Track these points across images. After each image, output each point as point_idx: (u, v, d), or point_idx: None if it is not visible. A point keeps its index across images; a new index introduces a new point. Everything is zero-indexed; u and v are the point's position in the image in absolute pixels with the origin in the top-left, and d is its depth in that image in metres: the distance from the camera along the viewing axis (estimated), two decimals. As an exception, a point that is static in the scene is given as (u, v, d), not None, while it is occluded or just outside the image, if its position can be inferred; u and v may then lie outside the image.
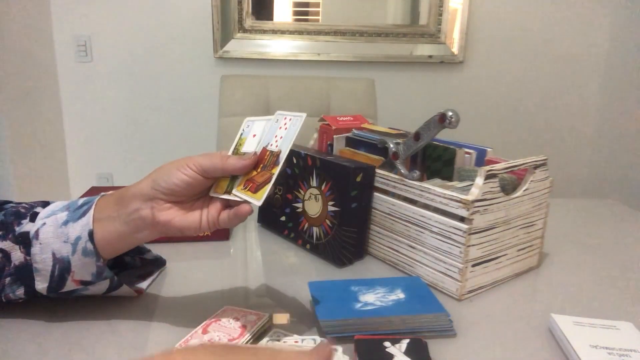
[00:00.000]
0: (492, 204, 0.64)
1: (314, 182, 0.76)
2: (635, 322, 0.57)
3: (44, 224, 0.54)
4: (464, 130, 2.30)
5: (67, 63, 2.09)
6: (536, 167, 0.70)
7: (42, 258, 0.53)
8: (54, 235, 0.53)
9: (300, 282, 0.68)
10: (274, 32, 2.11)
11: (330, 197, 0.73)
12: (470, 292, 0.65)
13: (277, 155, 0.53)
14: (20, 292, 0.55)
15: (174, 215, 0.53)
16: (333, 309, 0.55)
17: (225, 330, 0.53)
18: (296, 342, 0.52)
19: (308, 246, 0.78)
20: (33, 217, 0.55)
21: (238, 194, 0.53)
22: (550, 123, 2.36)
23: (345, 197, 0.71)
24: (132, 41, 2.09)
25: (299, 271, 0.72)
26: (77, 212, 0.54)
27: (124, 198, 0.54)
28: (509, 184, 0.69)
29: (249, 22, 2.09)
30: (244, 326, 0.54)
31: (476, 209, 0.62)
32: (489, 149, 0.78)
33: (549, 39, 2.25)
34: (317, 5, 2.10)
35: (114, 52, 2.10)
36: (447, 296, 0.65)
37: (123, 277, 0.62)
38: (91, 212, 0.53)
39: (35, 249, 0.53)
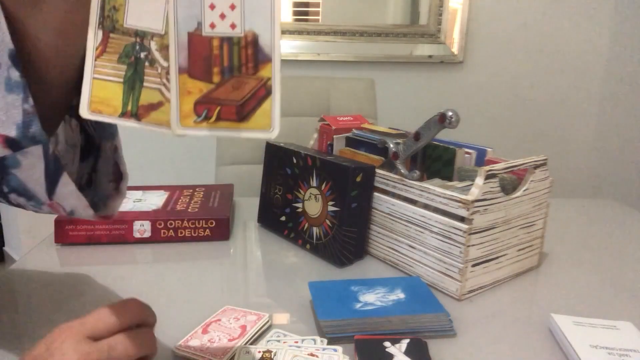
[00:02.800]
0: (492, 204, 0.64)
1: (314, 182, 0.76)
2: (635, 322, 0.57)
3: None
4: (464, 130, 2.30)
5: (67, 63, 2.09)
6: (536, 167, 0.70)
7: None
8: None
9: (300, 282, 0.68)
10: (274, 32, 2.11)
11: (330, 197, 0.73)
12: (470, 292, 0.65)
13: (250, 39, 0.28)
14: None
15: None
16: (333, 309, 0.55)
17: (225, 330, 0.54)
18: (296, 342, 0.52)
19: (308, 246, 0.78)
20: None
21: (195, 130, 0.29)
22: (550, 123, 2.36)
23: (345, 197, 0.71)
24: (132, 41, 2.09)
25: (299, 271, 0.72)
26: None
27: None
28: (509, 184, 0.69)
29: (249, 22, 2.09)
30: (244, 326, 0.54)
31: (476, 209, 0.62)
32: (489, 149, 0.78)
33: (549, 39, 2.25)
34: (317, 5, 2.10)
35: (114, 52, 2.09)
36: (447, 296, 0.65)
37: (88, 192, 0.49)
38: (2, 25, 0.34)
39: None
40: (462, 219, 0.63)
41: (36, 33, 0.35)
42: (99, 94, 0.31)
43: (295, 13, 2.11)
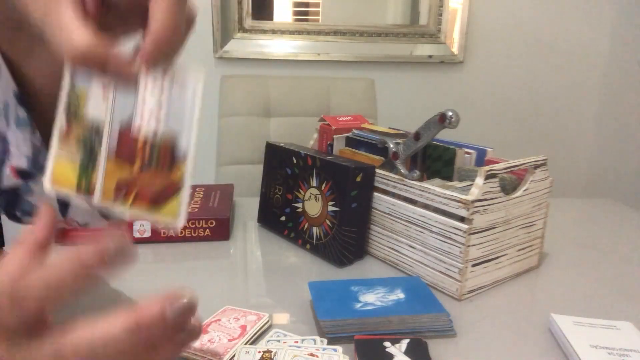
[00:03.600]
0: (492, 204, 0.64)
1: (314, 182, 0.76)
2: (635, 322, 0.57)
3: None
4: (464, 130, 2.30)
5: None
6: (536, 167, 0.70)
7: None
8: None
9: (300, 282, 0.68)
10: (274, 32, 2.11)
11: (330, 197, 0.73)
12: (470, 292, 0.65)
13: (169, 142, 0.33)
14: None
15: None
16: (333, 309, 0.55)
17: (225, 330, 0.54)
18: (296, 342, 0.52)
19: (308, 246, 0.78)
20: None
21: (113, 207, 0.34)
22: (550, 123, 2.36)
23: (345, 197, 0.71)
24: (132, 41, 2.09)
25: (299, 271, 0.72)
26: None
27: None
28: (509, 184, 0.69)
29: (248, 22, 2.09)
30: (244, 326, 0.54)
31: (476, 209, 0.62)
32: (489, 149, 0.78)
33: (549, 39, 2.25)
34: (317, 5, 2.10)
35: (114, 52, 2.09)
36: (447, 296, 0.65)
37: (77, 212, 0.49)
38: (4, 72, 0.39)
39: None
40: (462, 219, 0.63)
41: (32, 77, 0.40)
42: (59, 170, 0.35)
43: (295, 13, 2.11)
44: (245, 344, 0.52)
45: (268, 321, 0.56)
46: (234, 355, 0.49)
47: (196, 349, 0.50)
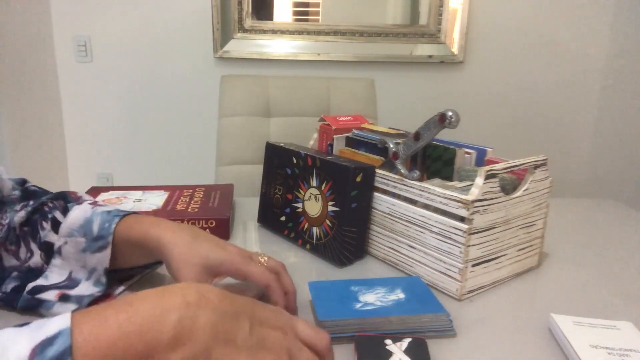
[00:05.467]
0: (492, 204, 0.64)
1: (314, 182, 0.76)
2: (635, 322, 0.57)
3: (66, 242, 0.57)
4: (464, 130, 2.30)
5: (67, 63, 2.09)
6: (536, 167, 0.70)
7: (60, 272, 0.58)
8: (74, 258, 0.58)
9: (300, 282, 0.68)
10: (274, 32, 2.11)
11: (330, 197, 0.73)
12: (470, 292, 0.65)
13: None
14: (9, 286, 0.57)
15: None
16: (333, 309, 0.55)
17: None
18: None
19: (308, 246, 0.78)
20: (55, 226, 0.59)
21: None
22: (550, 123, 2.36)
23: (345, 197, 0.71)
24: (132, 41, 2.09)
25: (299, 271, 0.72)
26: (94, 244, 0.57)
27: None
28: (509, 184, 0.69)
29: (248, 22, 2.09)
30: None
31: (476, 209, 0.62)
32: (489, 149, 0.78)
33: (549, 39, 2.25)
34: (317, 5, 2.10)
35: (114, 52, 2.09)
36: (447, 296, 0.65)
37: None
38: (108, 251, 0.57)
39: (57, 261, 0.58)
40: (462, 219, 0.63)
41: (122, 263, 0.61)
42: None
43: (295, 13, 2.11)
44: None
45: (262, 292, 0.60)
46: None
47: None
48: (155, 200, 0.88)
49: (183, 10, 2.06)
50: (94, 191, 0.93)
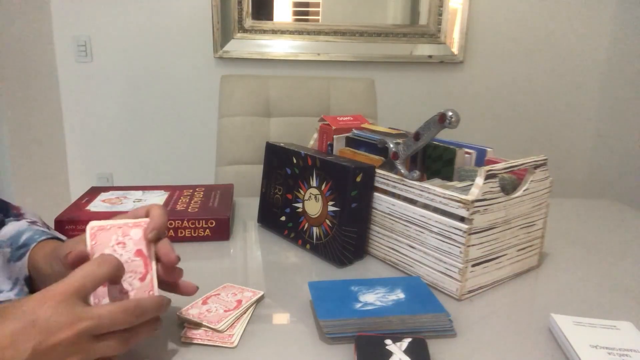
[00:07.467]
0: (492, 204, 0.64)
1: (314, 182, 0.76)
2: (635, 322, 0.57)
3: None
4: (464, 130, 2.30)
5: (67, 63, 2.09)
6: (536, 167, 0.70)
7: None
8: (2, 269, 0.57)
9: (300, 282, 0.68)
10: (274, 32, 2.11)
11: (330, 197, 0.73)
12: (470, 292, 0.65)
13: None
14: None
15: None
16: (333, 309, 0.55)
17: (223, 302, 0.60)
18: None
19: (308, 246, 0.78)
20: None
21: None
22: (550, 123, 2.36)
23: (345, 197, 0.71)
24: (132, 41, 2.09)
25: (299, 271, 0.72)
26: (16, 253, 0.58)
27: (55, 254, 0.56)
28: (509, 184, 0.69)
29: (248, 22, 2.09)
30: (239, 300, 0.61)
31: (476, 209, 0.62)
32: (489, 149, 0.78)
33: (549, 39, 2.25)
34: (317, 5, 2.10)
35: (114, 52, 2.09)
36: (447, 296, 0.65)
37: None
38: (26, 258, 0.57)
39: None
40: (462, 219, 0.63)
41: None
42: None
43: (295, 13, 2.11)
44: (239, 316, 0.58)
45: (262, 296, 0.63)
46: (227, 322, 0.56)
47: (194, 315, 0.57)
48: (156, 200, 0.88)
49: (183, 10, 2.06)
50: (94, 191, 0.93)
